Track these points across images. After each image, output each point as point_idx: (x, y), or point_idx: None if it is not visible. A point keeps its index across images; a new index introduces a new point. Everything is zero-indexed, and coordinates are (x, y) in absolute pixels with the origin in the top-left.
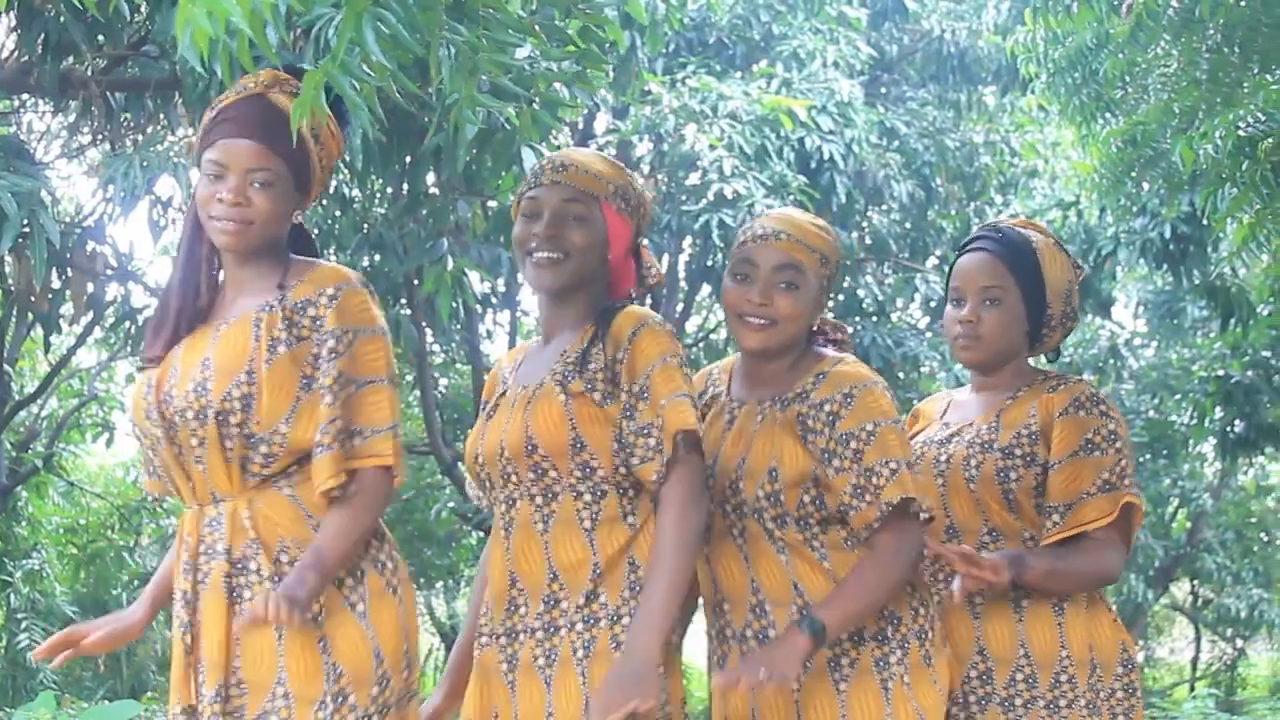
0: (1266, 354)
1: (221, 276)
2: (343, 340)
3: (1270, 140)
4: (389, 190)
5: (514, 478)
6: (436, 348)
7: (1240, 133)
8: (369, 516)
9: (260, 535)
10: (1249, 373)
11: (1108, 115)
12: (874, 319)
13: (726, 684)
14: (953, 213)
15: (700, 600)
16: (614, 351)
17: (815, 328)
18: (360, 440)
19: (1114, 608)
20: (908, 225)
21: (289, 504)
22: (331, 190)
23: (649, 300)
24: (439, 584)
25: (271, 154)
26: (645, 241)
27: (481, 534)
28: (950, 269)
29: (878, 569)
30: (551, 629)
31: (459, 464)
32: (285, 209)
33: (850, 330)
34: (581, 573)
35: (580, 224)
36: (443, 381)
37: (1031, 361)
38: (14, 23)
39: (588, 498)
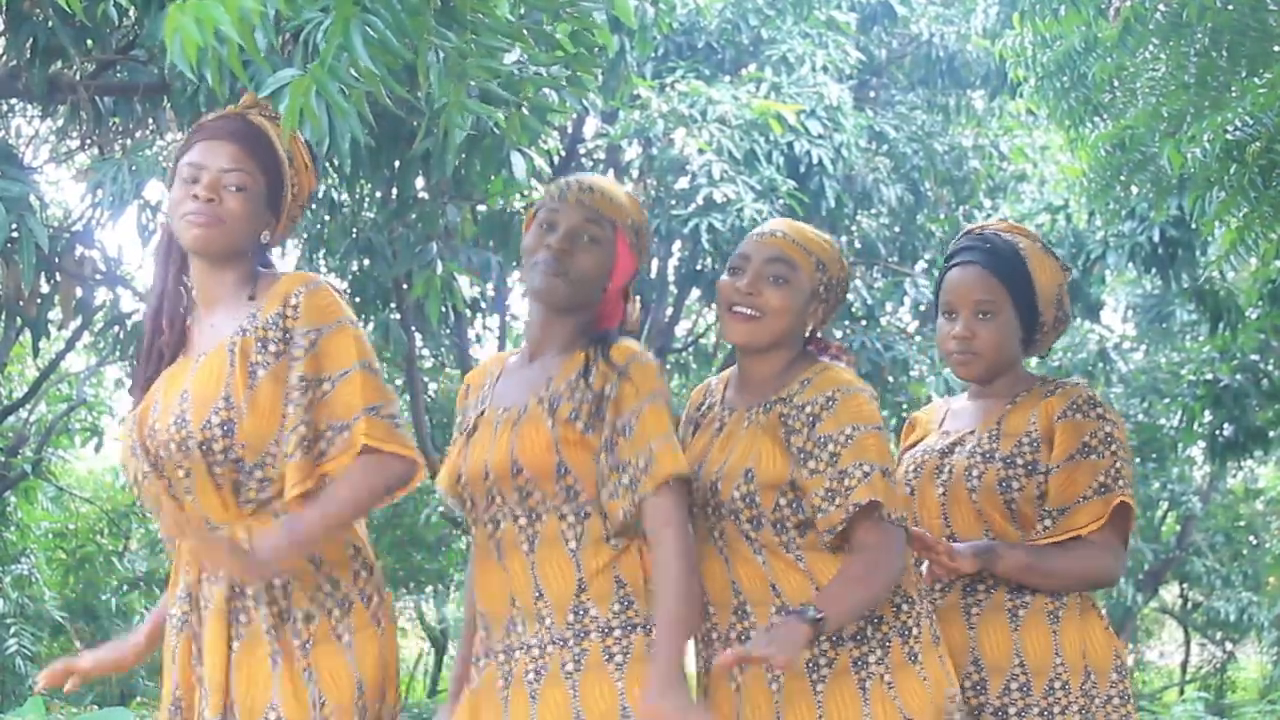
0: (1255, 358)
1: (194, 295)
2: (301, 344)
3: (1258, 144)
4: (378, 194)
5: (498, 499)
6: (426, 352)
7: (1228, 136)
8: (361, 494)
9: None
10: (1237, 376)
11: (1096, 119)
12: (863, 323)
13: (736, 659)
14: (942, 217)
15: None
16: (603, 385)
17: (816, 343)
18: (326, 443)
19: (1105, 613)
20: (897, 229)
21: None
22: (320, 195)
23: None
24: (429, 589)
25: (248, 158)
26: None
27: (471, 539)
28: (940, 278)
29: (868, 561)
30: (542, 645)
31: None
32: (256, 219)
33: (845, 344)
34: (565, 588)
35: (594, 245)
36: (432, 386)
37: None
38: (2, 27)
39: (571, 519)
